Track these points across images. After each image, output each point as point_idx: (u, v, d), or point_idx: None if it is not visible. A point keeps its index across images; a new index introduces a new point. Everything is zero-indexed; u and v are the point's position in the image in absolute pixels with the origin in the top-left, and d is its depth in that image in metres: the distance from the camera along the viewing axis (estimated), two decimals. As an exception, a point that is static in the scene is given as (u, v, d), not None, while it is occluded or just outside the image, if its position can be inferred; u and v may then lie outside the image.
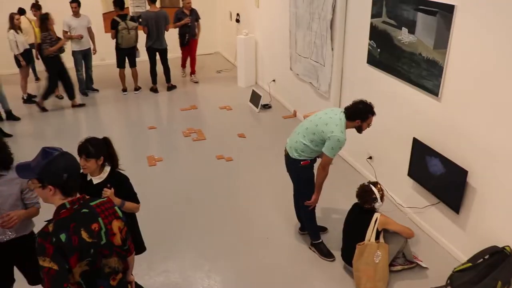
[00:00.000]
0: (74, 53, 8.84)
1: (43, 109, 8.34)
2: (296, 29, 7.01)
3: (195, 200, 5.30)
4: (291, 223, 4.78)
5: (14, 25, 8.18)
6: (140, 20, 8.76)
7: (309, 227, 4.42)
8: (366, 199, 3.85)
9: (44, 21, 7.92)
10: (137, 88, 9.23)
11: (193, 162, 6.22)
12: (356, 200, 4.01)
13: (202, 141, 6.83)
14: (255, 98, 8.08)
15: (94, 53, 9.16)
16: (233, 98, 8.64)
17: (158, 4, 10.12)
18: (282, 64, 7.81)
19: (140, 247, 3.51)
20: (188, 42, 9.38)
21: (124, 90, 9.21)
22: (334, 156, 3.88)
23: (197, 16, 9.39)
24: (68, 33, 8.60)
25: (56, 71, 8.15)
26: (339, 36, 5.80)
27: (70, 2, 8.63)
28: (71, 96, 8.42)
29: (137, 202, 3.29)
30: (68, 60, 8.62)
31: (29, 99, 8.87)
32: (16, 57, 8.35)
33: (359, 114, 3.87)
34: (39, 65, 9.57)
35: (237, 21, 10.20)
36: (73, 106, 8.48)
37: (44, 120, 7.99)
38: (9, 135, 7.18)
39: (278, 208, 5.07)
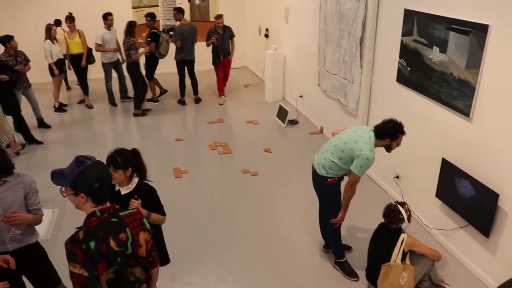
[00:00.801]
0: (104, 65, 9.10)
1: (143, 113, 8.79)
2: (325, 45, 7.03)
3: (219, 213, 5.31)
4: (315, 240, 4.73)
5: (50, 36, 8.48)
6: (172, 33, 8.93)
7: (334, 245, 4.37)
8: (393, 219, 3.80)
9: (132, 28, 8.34)
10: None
11: (218, 175, 6.25)
12: (382, 220, 3.96)
13: (228, 155, 6.86)
14: (282, 113, 8.09)
15: (123, 63, 9.30)
16: (260, 112, 8.67)
17: (187, 17, 10.32)
18: (310, 80, 7.82)
19: (164, 259, 3.53)
20: (219, 61, 9.04)
21: (155, 100, 9.47)
22: (362, 174, 3.84)
23: (231, 34, 9.06)
24: (102, 46, 8.89)
25: (140, 76, 8.60)
26: (368, 54, 5.78)
27: (107, 15, 8.93)
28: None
29: (163, 214, 3.31)
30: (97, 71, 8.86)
31: (60, 108, 9.13)
32: (50, 66, 8.62)
33: (389, 133, 3.83)
34: (71, 74, 9.89)
35: (266, 36, 10.27)
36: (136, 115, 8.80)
37: (74, 129, 8.18)
38: (40, 142, 7.36)
39: (302, 225, 5.04)
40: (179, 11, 9.05)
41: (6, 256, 2.91)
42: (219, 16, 8.85)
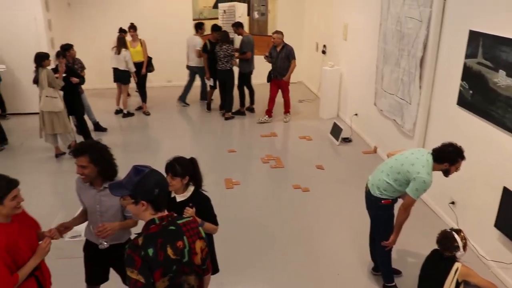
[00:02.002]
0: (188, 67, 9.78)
1: (230, 117, 9.27)
2: (383, 64, 6.94)
3: (269, 227, 5.32)
4: (364, 261, 4.65)
5: (126, 45, 8.95)
6: (236, 45, 9.19)
7: (384, 268, 4.28)
8: (447, 246, 3.67)
9: (228, 37, 8.89)
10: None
11: (269, 189, 6.28)
12: (435, 246, 3.83)
13: (280, 169, 6.88)
14: (336, 130, 8.04)
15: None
16: (313, 128, 8.65)
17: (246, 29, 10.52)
18: (366, 98, 7.74)
19: (214, 268, 3.58)
20: (270, 79, 8.83)
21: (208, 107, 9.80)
22: (418, 197, 3.76)
23: (289, 55, 8.47)
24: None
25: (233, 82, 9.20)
26: (428, 75, 5.66)
27: (201, 24, 9.74)
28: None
29: (216, 224, 3.37)
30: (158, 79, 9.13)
31: (120, 112, 9.56)
32: (130, 74, 9.21)
33: (448, 157, 3.74)
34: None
35: (323, 52, 10.27)
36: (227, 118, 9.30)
37: (130, 134, 8.49)
38: None
39: (352, 245, 4.96)
40: (237, 26, 9.28)
41: (52, 230, 3.09)
42: (274, 32, 8.72)
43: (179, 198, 3.27)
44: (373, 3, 7.28)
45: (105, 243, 3.32)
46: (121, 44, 8.98)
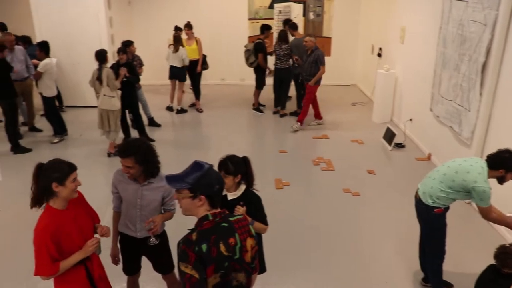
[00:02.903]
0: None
1: (285, 114, 9.46)
2: (441, 69, 6.74)
3: (316, 230, 5.30)
4: (413, 270, 4.53)
5: (182, 42, 9.17)
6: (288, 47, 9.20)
7: (434, 280, 4.15)
8: (506, 262, 3.51)
9: (286, 36, 8.99)
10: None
11: (319, 191, 6.25)
12: (492, 261, 3.68)
13: (331, 172, 6.82)
14: (389, 135, 7.88)
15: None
16: (366, 132, 8.53)
17: (301, 31, 10.50)
18: (422, 104, 7.53)
19: (261, 267, 3.61)
20: (298, 82, 8.91)
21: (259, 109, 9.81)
22: (489, 203, 3.64)
23: (318, 60, 8.17)
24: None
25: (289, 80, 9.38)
26: (490, 81, 5.44)
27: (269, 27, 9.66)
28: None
29: (266, 223, 3.39)
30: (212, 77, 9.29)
31: (171, 109, 9.79)
32: (184, 72, 9.41)
33: (505, 163, 3.59)
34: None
35: (379, 55, 10.09)
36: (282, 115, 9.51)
37: (183, 130, 8.68)
38: (152, 140, 7.89)
39: (400, 253, 4.85)
40: (288, 27, 9.33)
41: (105, 228, 3.15)
42: (307, 35, 8.49)
43: (230, 196, 3.31)
44: (433, 5, 7.08)
45: (155, 239, 3.40)
46: (177, 42, 9.19)
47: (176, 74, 9.44)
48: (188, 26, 9.66)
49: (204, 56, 9.86)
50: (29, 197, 2.85)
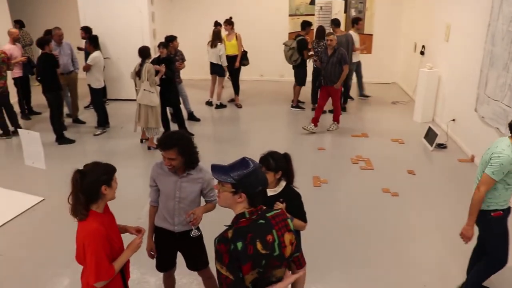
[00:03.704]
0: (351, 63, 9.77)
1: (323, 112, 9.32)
2: (488, 68, 6.52)
3: (354, 229, 5.23)
4: (452, 274, 4.39)
5: (221, 38, 9.25)
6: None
7: (473, 282, 3.99)
8: None
9: (323, 32, 8.98)
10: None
11: (357, 191, 6.17)
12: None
13: (370, 171, 6.73)
14: (430, 135, 7.69)
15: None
16: (406, 131, 8.36)
17: (342, 28, 10.38)
18: (466, 104, 7.32)
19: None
20: (320, 85, 8.24)
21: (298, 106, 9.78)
22: (493, 175, 3.43)
23: (342, 59, 7.81)
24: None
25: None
26: (541, 82, 5.23)
27: (358, 20, 9.78)
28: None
29: (305, 221, 3.37)
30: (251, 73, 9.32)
31: (210, 103, 9.93)
32: (223, 68, 9.49)
33: None
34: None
35: (422, 53, 9.87)
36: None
37: (221, 125, 8.76)
38: (192, 134, 7.97)
39: (440, 256, 4.72)
40: (331, 23, 9.25)
41: (140, 227, 3.17)
42: (330, 34, 7.96)
43: (270, 192, 3.29)
44: (482, 2, 6.85)
45: (197, 230, 3.43)
46: (216, 37, 9.25)
47: (215, 69, 9.52)
48: (228, 22, 9.71)
49: (245, 52, 9.89)
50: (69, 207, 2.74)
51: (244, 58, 9.91)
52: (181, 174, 3.33)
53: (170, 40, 8.18)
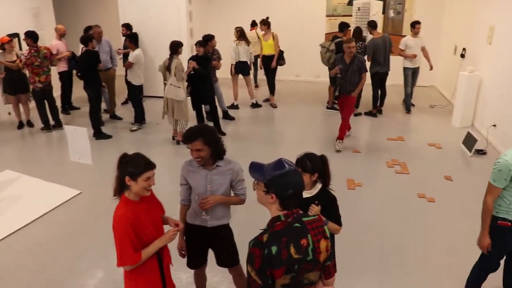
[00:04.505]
0: (405, 69, 9.37)
1: (358, 114, 9.35)
2: (534, 73, 6.30)
3: (387, 235, 5.14)
4: (490, 285, 4.26)
5: (245, 37, 9.30)
6: (365, 49, 9.01)
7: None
8: None
9: (361, 34, 8.98)
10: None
11: (392, 194, 6.06)
12: None
13: (405, 175, 6.60)
14: (469, 140, 7.48)
15: (431, 69, 9.54)
16: (444, 136, 8.16)
17: (380, 29, 10.23)
18: (508, 109, 7.09)
19: (332, 268, 3.55)
20: (338, 96, 7.62)
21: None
22: (495, 182, 3.35)
23: (362, 67, 7.20)
24: (404, 51, 9.18)
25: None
26: None
27: (415, 23, 9.19)
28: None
29: (340, 224, 3.33)
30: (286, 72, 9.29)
31: (251, 103, 9.94)
32: (249, 66, 9.52)
33: None
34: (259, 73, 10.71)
35: (462, 56, 9.61)
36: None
37: (255, 124, 8.76)
38: (223, 134, 8.02)
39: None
40: (368, 25, 9.12)
41: (178, 222, 3.25)
42: (350, 41, 7.19)
43: (306, 194, 3.27)
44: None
45: (207, 216, 3.41)
46: (241, 36, 9.31)
47: (241, 68, 9.51)
48: (264, 22, 9.71)
49: (281, 52, 9.87)
50: (109, 183, 2.93)
51: (280, 58, 9.89)
52: (211, 167, 3.35)
53: (208, 39, 8.26)
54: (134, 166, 2.82)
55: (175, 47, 7.42)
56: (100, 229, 5.19)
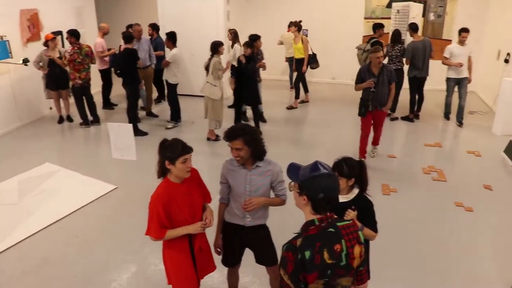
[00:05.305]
0: (448, 80, 8.85)
1: (395, 118, 9.18)
2: None
3: (422, 242, 5.03)
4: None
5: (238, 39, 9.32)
6: (405, 51, 8.85)
7: None
8: None
9: (400, 36, 8.88)
10: None
11: (428, 202, 5.92)
12: None
13: (442, 183, 6.44)
14: (511, 149, 7.24)
15: (469, 83, 8.84)
16: (484, 144, 7.92)
17: (419, 32, 10.01)
18: (554, 118, 6.82)
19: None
20: (366, 112, 6.74)
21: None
22: None
23: (391, 77, 6.60)
24: (448, 60, 8.61)
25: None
26: None
27: (461, 31, 8.60)
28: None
29: (376, 231, 3.28)
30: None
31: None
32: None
33: None
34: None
35: (506, 61, 9.31)
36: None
37: (288, 127, 8.70)
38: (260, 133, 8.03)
39: (517, 279, 4.43)
40: (409, 28, 8.96)
41: (209, 218, 3.32)
42: (376, 50, 6.48)
43: (342, 199, 3.24)
44: None
45: (250, 218, 3.43)
46: (233, 37, 9.37)
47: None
48: (294, 24, 9.65)
49: (314, 55, 9.80)
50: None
51: (312, 61, 9.81)
52: (251, 167, 3.36)
53: (254, 39, 8.31)
54: (171, 151, 3.07)
55: (215, 47, 7.50)
56: (134, 224, 5.27)
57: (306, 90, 10.15)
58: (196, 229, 3.19)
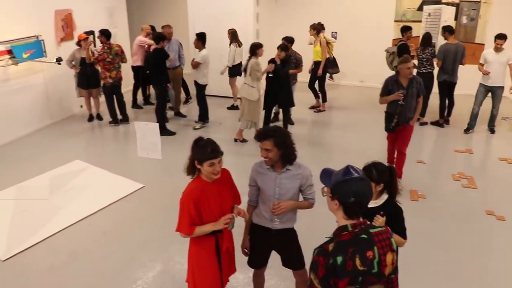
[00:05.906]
0: (479, 85, 8.46)
1: (424, 123, 8.98)
2: None
3: (450, 250, 4.92)
4: None
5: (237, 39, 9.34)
6: (437, 53, 8.69)
7: None
8: None
9: (430, 39, 8.75)
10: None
11: (457, 210, 5.79)
12: None
13: (472, 190, 6.29)
14: (545, 157, 7.04)
15: (510, 90, 8.25)
16: (517, 150, 7.72)
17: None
18: None
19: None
20: (394, 127, 6.16)
21: None
22: None
23: (420, 90, 6.01)
24: (484, 66, 8.27)
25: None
26: None
27: (496, 37, 8.16)
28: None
29: (405, 237, 3.25)
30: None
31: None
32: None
33: None
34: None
35: (541, 67, 9.03)
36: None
37: (313, 129, 8.66)
38: None
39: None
40: (444, 30, 8.74)
41: (241, 210, 3.37)
42: (406, 60, 5.89)
43: (371, 204, 3.17)
44: None
45: (278, 221, 3.42)
46: (232, 37, 9.38)
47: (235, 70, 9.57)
48: (312, 27, 9.55)
49: (333, 60, 9.69)
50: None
51: (330, 66, 9.68)
52: (280, 171, 3.35)
53: (290, 41, 8.31)
54: (201, 153, 3.10)
55: (254, 49, 7.57)
56: (160, 223, 5.33)
57: (318, 97, 9.87)
58: (220, 224, 3.19)
